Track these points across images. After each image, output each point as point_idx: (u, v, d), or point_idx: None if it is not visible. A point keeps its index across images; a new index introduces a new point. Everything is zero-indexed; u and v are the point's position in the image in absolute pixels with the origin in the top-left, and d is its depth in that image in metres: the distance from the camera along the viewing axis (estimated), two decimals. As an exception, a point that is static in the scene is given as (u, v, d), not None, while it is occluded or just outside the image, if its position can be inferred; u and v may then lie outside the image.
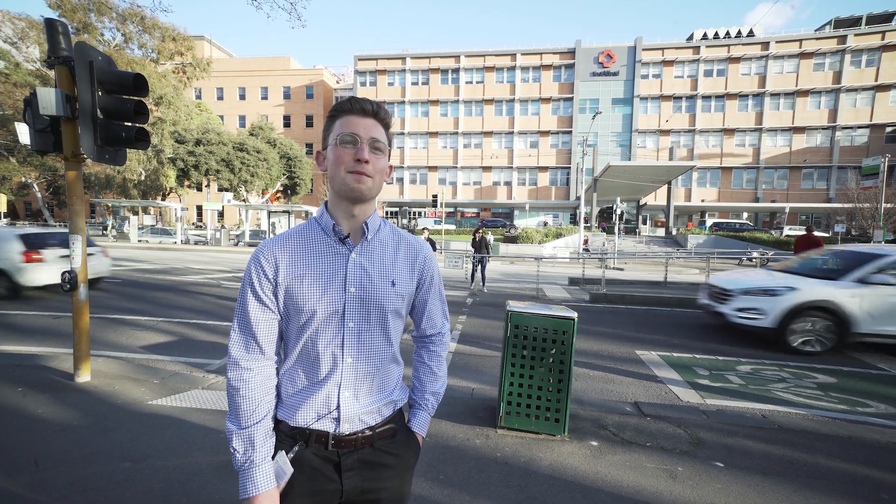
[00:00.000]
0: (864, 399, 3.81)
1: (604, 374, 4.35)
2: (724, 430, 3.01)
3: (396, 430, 1.03)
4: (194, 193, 41.54)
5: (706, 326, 6.81)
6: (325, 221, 0.97)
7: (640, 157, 36.91)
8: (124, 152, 3.50)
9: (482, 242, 10.27)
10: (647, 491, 2.27)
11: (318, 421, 0.94)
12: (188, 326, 5.65)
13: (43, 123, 3.21)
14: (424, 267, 1.06)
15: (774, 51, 34.84)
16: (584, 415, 3.19)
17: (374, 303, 0.95)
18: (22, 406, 2.99)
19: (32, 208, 42.43)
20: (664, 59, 36.46)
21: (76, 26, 23.59)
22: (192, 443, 2.57)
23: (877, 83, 33.17)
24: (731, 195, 36.59)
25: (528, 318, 2.87)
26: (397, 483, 1.01)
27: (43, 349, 4.39)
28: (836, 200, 31.79)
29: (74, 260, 3.36)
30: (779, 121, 35.41)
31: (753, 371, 4.54)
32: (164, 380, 3.57)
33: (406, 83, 40.53)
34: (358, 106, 0.93)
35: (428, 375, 1.13)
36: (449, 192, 39.59)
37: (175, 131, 28.11)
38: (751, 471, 2.50)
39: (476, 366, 4.50)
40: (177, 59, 28.09)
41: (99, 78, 3.13)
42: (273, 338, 0.96)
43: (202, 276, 10.83)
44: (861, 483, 2.41)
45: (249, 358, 0.94)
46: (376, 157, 0.94)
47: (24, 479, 2.16)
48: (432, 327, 1.13)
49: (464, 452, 2.59)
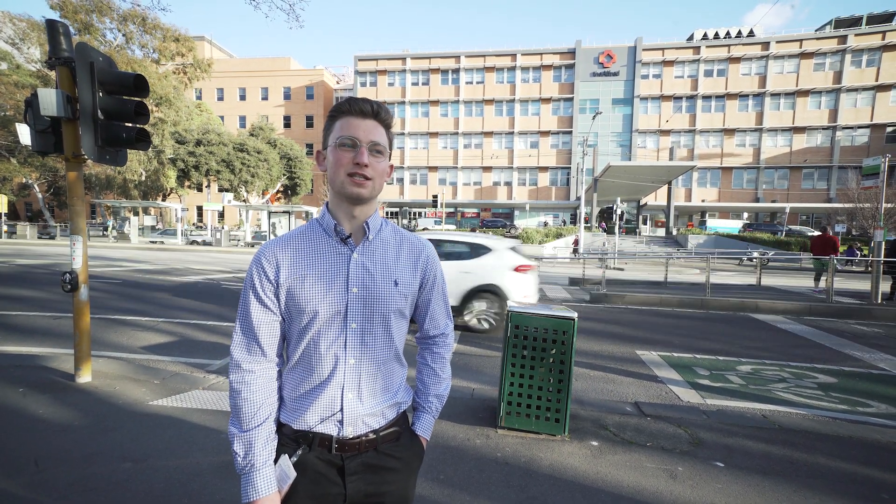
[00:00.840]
0: (864, 399, 3.81)
1: (604, 374, 4.35)
2: (725, 430, 3.01)
3: (400, 433, 1.02)
4: (195, 194, 41.58)
5: (706, 327, 6.81)
6: (327, 222, 0.97)
7: (641, 157, 36.91)
8: (125, 153, 3.51)
9: None
10: (647, 491, 2.27)
11: (321, 423, 0.93)
12: (188, 327, 5.66)
13: (44, 124, 3.21)
14: (427, 266, 1.05)
15: (775, 51, 34.84)
16: (585, 415, 3.19)
17: (376, 303, 0.95)
18: (22, 406, 2.99)
19: (33, 209, 42.46)
20: (664, 60, 36.47)
21: (78, 27, 23.62)
22: (192, 443, 2.57)
23: (877, 83, 33.16)
24: (731, 195, 36.58)
25: (529, 318, 2.87)
26: (401, 486, 1.00)
27: (43, 350, 4.40)
28: (837, 200, 31.77)
29: (75, 261, 3.37)
30: (779, 121, 35.40)
31: (754, 371, 4.54)
32: (165, 380, 3.57)
33: (406, 83, 40.56)
34: (357, 107, 0.92)
35: (431, 378, 1.13)
36: (449, 193, 39.61)
37: (176, 132, 28.15)
38: (751, 471, 2.50)
39: (476, 366, 4.50)
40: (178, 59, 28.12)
41: (100, 79, 3.13)
42: (275, 340, 0.95)
43: (202, 277, 10.83)
44: (861, 483, 2.41)
45: (251, 360, 0.93)
46: (376, 159, 0.93)
47: (25, 479, 2.17)
48: (435, 328, 1.12)
49: (464, 452, 2.59)
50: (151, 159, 30.27)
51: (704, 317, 7.66)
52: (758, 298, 8.80)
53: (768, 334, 6.36)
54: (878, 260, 8.79)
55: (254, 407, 0.91)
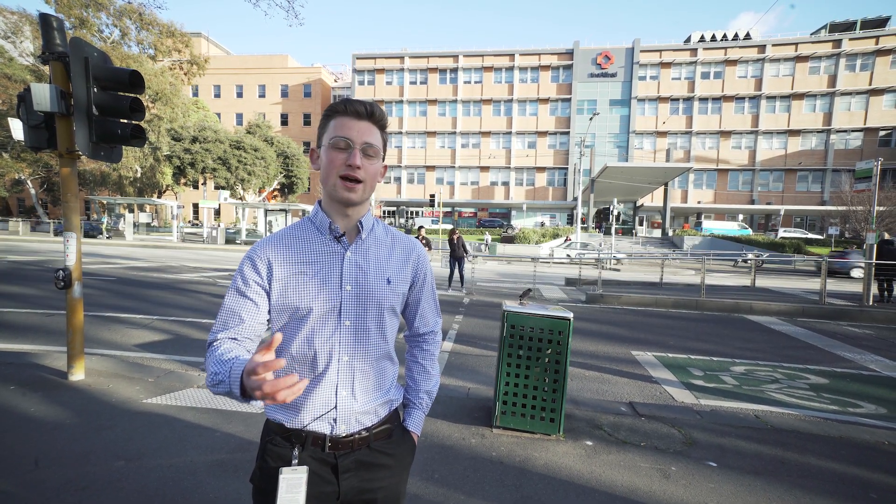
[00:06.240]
0: (855, 400, 3.85)
1: (599, 375, 4.37)
2: (718, 431, 3.04)
3: (392, 429, 1.03)
4: (190, 191, 41.29)
5: (701, 328, 6.85)
6: (320, 220, 0.97)
7: (638, 158, 37.07)
8: (120, 149, 3.48)
9: (459, 243, 10.11)
10: (640, 490, 2.28)
11: (315, 422, 0.93)
12: (183, 325, 5.62)
13: (37, 119, 3.18)
14: (418, 265, 1.07)
15: (771, 54, 35.08)
16: (580, 415, 3.20)
17: (370, 301, 0.96)
18: (14, 405, 2.96)
19: (26, 205, 42.03)
20: (662, 61, 36.63)
21: (73, 22, 23.36)
22: (186, 441, 2.56)
23: (871, 87, 33.49)
24: (727, 197, 36.84)
25: (525, 318, 2.87)
26: (394, 482, 1.01)
27: (36, 347, 4.35)
28: (830, 203, 32.10)
29: (69, 257, 3.34)
30: (774, 123, 35.68)
31: (747, 372, 4.58)
32: (159, 378, 3.55)
33: (404, 82, 40.48)
34: (352, 108, 0.92)
35: (421, 374, 1.14)
36: (446, 192, 39.58)
37: (172, 128, 27.93)
38: (743, 471, 2.52)
39: (472, 365, 4.51)
40: (174, 56, 27.89)
41: (94, 74, 3.11)
42: (253, 336, 0.93)
43: (197, 275, 10.77)
44: (851, 482, 2.44)
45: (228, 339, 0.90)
46: (369, 161, 0.94)
47: (17, 478, 2.15)
48: (425, 326, 1.14)
49: (459, 452, 2.60)
50: (147, 156, 30.03)
51: (699, 318, 7.72)
52: (752, 300, 8.87)
53: (762, 335, 6.41)
54: (870, 262, 8.89)
55: (229, 352, 0.84)
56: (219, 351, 0.86)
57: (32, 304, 6.42)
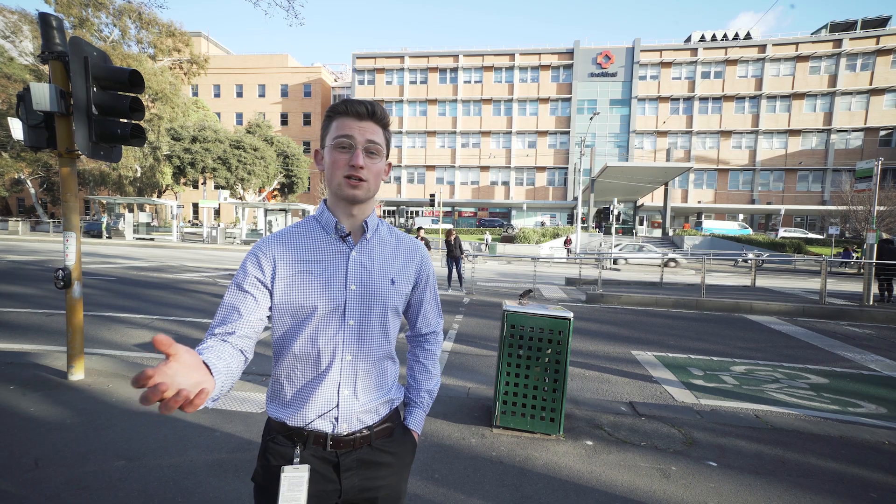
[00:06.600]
0: (855, 399, 3.85)
1: (599, 374, 4.37)
2: (718, 430, 3.04)
3: (393, 428, 1.03)
4: (190, 191, 41.29)
5: (701, 327, 6.85)
6: (326, 219, 0.97)
7: (638, 157, 37.05)
8: (119, 149, 3.47)
9: (455, 243, 10.13)
10: (640, 490, 2.28)
11: (317, 419, 0.93)
12: (183, 325, 5.62)
13: (37, 119, 3.18)
14: (421, 266, 1.07)
15: (771, 53, 35.05)
16: (580, 414, 3.20)
17: (374, 301, 0.96)
18: (14, 404, 2.96)
19: (25, 205, 42.04)
20: (662, 61, 36.60)
21: (73, 22, 23.34)
22: (186, 441, 2.56)
23: (871, 87, 33.46)
24: (727, 197, 36.82)
25: (525, 317, 2.87)
26: (395, 480, 1.02)
27: (35, 347, 4.35)
28: (831, 203, 32.09)
29: (68, 257, 3.34)
30: (775, 123, 35.65)
31: (747, 371, 4.58)
32: (159, 378, 3.54)
33: (404, 82, 40.45)
34: (353, 108, 0.92)
35: (423, 373, 1.15)
36: (447, 192, 39.58)
37: (171, 128, 27.92)
38: (743, 470, 2.52)
39: (472, 365, 4.51)
40: (174, 55, 27.88)
41: (94, 73, 3.10)
42: (252, 334, 0.90)
43: (197, 274, 10.77)
44: (850, 482, 2.44)
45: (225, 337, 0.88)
46: (372, 160, 0.94)
47: (17, 478, 2.15)
48: (427, 326, 1.14)
49: (459, 451, 2.60)
50: (147, 156, 30.02)
51: (699, 317, 7.72)
52: (752, 300, 8.87)
53: (762, 335, 6.41)
54: (870, 262, 8.89)
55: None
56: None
57: (32, 303, 6.42)
